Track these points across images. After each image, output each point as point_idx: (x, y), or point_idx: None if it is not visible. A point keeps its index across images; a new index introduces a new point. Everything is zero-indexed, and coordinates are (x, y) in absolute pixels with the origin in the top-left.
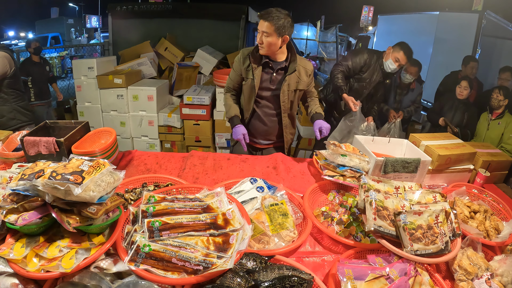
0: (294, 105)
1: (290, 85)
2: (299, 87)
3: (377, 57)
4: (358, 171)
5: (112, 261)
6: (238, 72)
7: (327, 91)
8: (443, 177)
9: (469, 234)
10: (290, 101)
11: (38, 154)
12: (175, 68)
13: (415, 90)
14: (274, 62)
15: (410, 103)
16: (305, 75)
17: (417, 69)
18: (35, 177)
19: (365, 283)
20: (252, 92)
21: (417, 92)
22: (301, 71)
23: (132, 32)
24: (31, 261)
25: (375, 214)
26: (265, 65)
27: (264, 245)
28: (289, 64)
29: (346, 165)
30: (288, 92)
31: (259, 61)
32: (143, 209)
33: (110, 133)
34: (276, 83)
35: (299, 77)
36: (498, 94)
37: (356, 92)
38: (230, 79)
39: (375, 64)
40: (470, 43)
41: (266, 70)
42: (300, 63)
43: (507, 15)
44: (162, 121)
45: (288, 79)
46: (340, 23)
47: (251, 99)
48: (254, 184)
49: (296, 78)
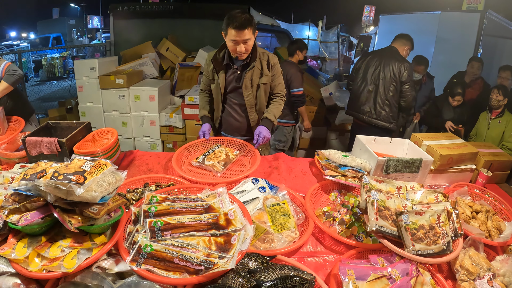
0: (261, 100)
1: (253, 80)
2: (263, 81)
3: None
4: (360, 171)
5: (114, 261)
6: (206, 74)
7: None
8: (445, 177)
9: (471, 234)
10: (255, 96)
11: (40, 154)
12: (176, 68)
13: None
14: (236, 61)
15: (425, 99)
16: (267, 68)
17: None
18: (37, 177)
19: (367, 283)
20: (218, 92)
21: (430, 87)
22: (264, 65)
23: (134, 33)
24: (33, 261)
25: (376, 214)
26: (227, 67)
27: (270, 243)
28: (250, 60)
29: (347, 165)
30: (252, 86)
31: (221, 63)
32: (145, 209)
33: (111, 133)
34: (240, 80)
35: (261, 71)
36: (497, 94)
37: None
38: (202, 81)
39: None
40: (472, 42)
41: (230, 70)
42: (263, 57)
43: (508, 15)
44: (164, 121)
45: (249, 74)
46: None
47: (219, 98)
48: (256, 184)
49: (259, 72)
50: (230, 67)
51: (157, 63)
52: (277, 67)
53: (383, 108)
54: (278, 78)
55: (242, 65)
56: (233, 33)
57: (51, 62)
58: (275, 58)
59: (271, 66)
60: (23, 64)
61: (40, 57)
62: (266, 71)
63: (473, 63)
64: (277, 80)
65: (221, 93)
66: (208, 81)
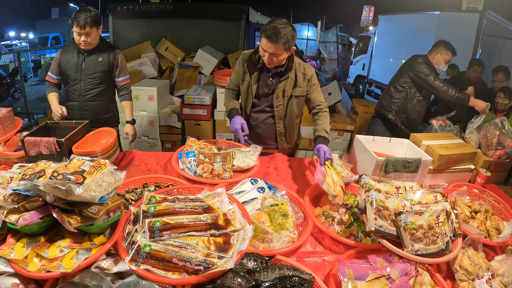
0: (291, 113)
1: (285, 91)
2: (295, 94)
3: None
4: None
5: (113, 261)
6: (238, 74)
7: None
8: (444, 177)
9: (470, 234)
10: (286, 108)
11: (39, 154)
12: (175, 68)
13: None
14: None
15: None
16: (303, 80)
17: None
18: (36, 177)
19: (366, 283)
20: (249, 95)
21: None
22: (299, 77)
23: (133, 32)
24: (32, 261)
25: (376, 214)
26: (261, 70)
27: (269, 243)
28: (285, 70)
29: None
30: (283, 97)
31: (255, 65)
32: (144, 209)
33: (110, 133)
34: (271, 88)
35: (295, 83)
36: (504, 98)
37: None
38: (231, 81)
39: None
40: (471, 43)
41: (263, 74)
42: (298, 68)
43: (507, 15)
44: (163, 121)
45: (283, 85)
46: (341, 23)
47: (248, 102)
48: (255, 184)
49: (292, 83)
50: (263, 71)
51: (156, 63)
52: (314, 79)
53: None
54: (317, 90)
55: (276, 73)
56: (263, 41)
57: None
58: (312, 70)
59: (308, 79)
60: (22, 64)
61: (39, 57)
62: (300, 83)
63: (475, 68)
64: (316, 92)
65: (252, 95)
66: (237, 80)
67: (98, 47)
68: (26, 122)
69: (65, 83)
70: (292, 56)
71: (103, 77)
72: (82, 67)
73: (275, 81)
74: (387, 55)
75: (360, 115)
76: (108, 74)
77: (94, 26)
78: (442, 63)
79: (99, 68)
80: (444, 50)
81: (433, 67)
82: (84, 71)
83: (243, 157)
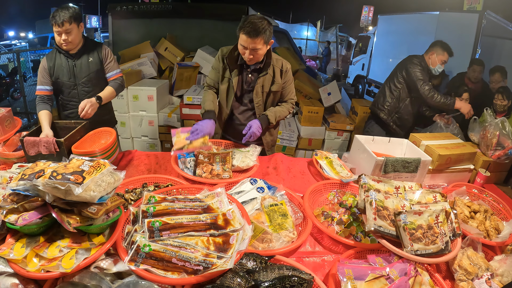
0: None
1: (264, 86)
2: (273, 89)
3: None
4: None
5: (112, 261)
6: (218, 70)
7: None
8: (443, 177)
9: (469, 234)
10: (265, 104)
11: (38, 154)
12: (175, 68)
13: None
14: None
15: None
16: (280, 75)
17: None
18: (35, 177)
19: (365, 283)
20: (229, 92)
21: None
22: (277, 72)
23: (132, 32)
24: (31, 261)
25: (375, 214)
26: (241, 67)
27: (268, 243)
28: (263, 66)
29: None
30: (262, 93)
31: (235, 62)
32: (144, 209)
33: (110, 133)
34: (250, 84)
35: (274, 78)
36: (502, 100)
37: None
38: (210, 78)
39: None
40: (470, 43)
41: (243, 71)
42: (276, 64)
43: (507, 15)
44: (162, 121)
45: (261, 80)
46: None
47: (229, 99)
48: (254, 184)
49: (270, 79)
50: (243, 68)
51: (155, 63)
52: (289, 74)
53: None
54: (290, 86)
55: (255, 69)
56: (243, 38)
57: None
58: (288, 65)
59: (283, 73)
60: (21, 64)
61: (39, 57)
62: (278, 79)
63: (475, 67)
64: (289, 88)
65: (233, 92)
66: (217, 77)
67: (85, 48)
68: (26, 122)
69: (60, 92)
70: (270, 52)
71: (98, 77)
72: (74, 71)
73: (254, 77)
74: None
75: (359, 115)
76: (102, 73)
77: (74, 22)
78: (438, 64)
79: (93, 68)
80: (441, 51)
81: (427, 69)
82: (78, 75)
83: (242, 157)
